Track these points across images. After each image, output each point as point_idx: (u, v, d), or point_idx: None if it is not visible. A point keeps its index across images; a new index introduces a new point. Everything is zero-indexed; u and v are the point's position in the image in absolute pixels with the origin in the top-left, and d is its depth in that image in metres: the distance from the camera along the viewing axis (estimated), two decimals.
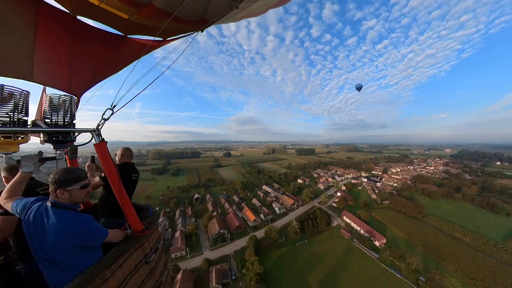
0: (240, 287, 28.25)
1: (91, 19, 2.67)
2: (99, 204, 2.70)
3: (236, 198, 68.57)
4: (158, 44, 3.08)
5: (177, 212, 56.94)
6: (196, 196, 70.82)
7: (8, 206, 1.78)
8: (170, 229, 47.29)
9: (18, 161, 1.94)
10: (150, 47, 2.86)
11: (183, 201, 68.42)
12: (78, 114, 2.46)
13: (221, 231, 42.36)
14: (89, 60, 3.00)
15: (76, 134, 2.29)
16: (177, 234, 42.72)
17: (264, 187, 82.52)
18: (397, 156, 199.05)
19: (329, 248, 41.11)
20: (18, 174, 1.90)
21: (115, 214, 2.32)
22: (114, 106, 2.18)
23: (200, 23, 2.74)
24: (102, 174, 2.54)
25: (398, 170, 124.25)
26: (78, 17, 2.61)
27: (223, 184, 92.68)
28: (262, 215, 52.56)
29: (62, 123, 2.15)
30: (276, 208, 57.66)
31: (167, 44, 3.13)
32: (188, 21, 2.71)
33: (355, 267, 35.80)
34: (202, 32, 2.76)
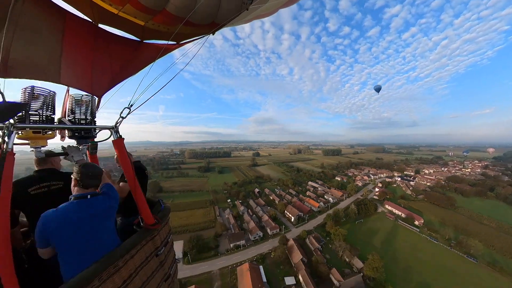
0: (338, 245, 44.62)
1: (111, 27, 3.00)
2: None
3: (292, 191, 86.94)
4: (172, 48, 3.36)
5: (251, 202, 74.47)
6: (257, 190, 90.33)
7: None
8: (254, 215, 61.95)
9: (46, 154, 2.20)
10: (164, 51, 3.17)
11: (248, 194, 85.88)
12: (98, 113, 2.69)
13: (299, 213, 60.69)
14: (109, 64, 3.35)
15: (97, 131, 2.50)
16: (265, 218, 59.51)
17: (310, 183, 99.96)
18: (430, 158, 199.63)
19: (380, 225, 57.40)
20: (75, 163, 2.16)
21: (128, 213, 2.49)
22: (131, 106, 2.39)
23: (211, 26, 2.95)
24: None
25: (431, 171, 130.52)
26: (100, 25, 2.94)
27: (271, 181, 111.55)
28: (321, 203, 70.25)
29: (84, 121, 2.37)
30: (330, 198, 74.99)
31: (181, 47, 3.36)
32: (200, 25, 2.93)
33: (402, 236, 51.84)
34: (213, 34, 2.94)
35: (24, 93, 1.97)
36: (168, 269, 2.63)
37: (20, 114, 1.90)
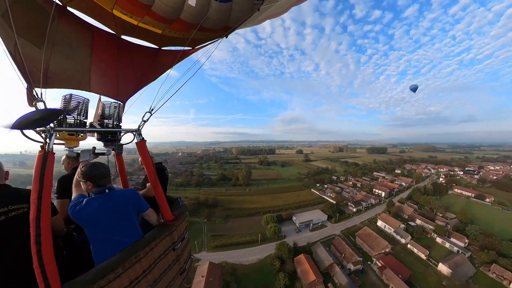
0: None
1: (132, 37, 3.34)
2: None
3: (366, 178, 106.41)
4: (188, 53, 3.59)
5: (339, 185, 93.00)
6: (335, 177, 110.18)
7: (74, 194, 2.13)
8: (350, 193, 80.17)
9: (78, 154, 2.53)
10: (181, 56, 3.44)
11: (331, 180, 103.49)
12: (123, 117, 2.98)
13: (388, 190, 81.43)
14: (132, 71, 3.69)
15: (122, 134, 2.78)
16: (363, 193, 77.53)
17: (375, 173, 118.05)
18: (494, 157, 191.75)
19: (454, 201, 74.58)
20: (80, 163, 2.38)
21: (152, 208, 2.68)
22: (152, 110, 2.71)
23: (224, 30, 3.14)
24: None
25: (498, 168, 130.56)
26: (123, 37, 3.29)
27: (336, 172, 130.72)
28: (398, 186, 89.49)
29: (111, 124, 2.66)
30: (403, 183, 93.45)
31: (198, 52, 3.61)
32: (213, 29, 3.12)
33: (476, 208, 68.70)
34: (226, 37, 3.15)
35: (63, 100, 2.27)
36: (183, 263, 2.89)
37: (59, 118, 2.18)
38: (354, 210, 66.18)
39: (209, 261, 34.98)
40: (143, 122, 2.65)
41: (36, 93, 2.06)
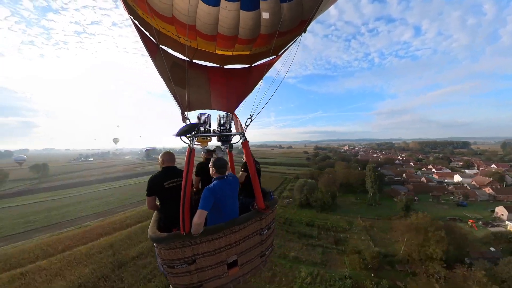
0: None
1: (231, 64, 4.41)
2: (241, 187, 3.73)
3: None
4: (274, 61, 4.12)
5: None
6: None
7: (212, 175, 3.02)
8: None
9: (208, 150, 3.71)
10: (268, 67, 4.11)
11: None
12: (232, 124, 4.06)
13: None
14: (234, 89, 4.79)
15: (232, 136, 3.77)
16: None
17: None
18: None
19: None
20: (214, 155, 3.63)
21: (250, 195, 3.44)
22: (252, 116, 3.47)
23: (300, 26, 3.26)
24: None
25: None
26: (225, 66, 4.45)
27: None
28: None
29: (225, 130, 3.69)
30: None
31: (279, 60, 4.16)
32: (290, 30, 3.34)
33: None
34: (305, 32, 3.27)
35: (198, 117, 3.55)
36: (265, 249, 3.40)
37: (197, 128, 3.17)
38: None
39: None
40: (246, 127, 3.44)
41: (185, 115, 3.34)
